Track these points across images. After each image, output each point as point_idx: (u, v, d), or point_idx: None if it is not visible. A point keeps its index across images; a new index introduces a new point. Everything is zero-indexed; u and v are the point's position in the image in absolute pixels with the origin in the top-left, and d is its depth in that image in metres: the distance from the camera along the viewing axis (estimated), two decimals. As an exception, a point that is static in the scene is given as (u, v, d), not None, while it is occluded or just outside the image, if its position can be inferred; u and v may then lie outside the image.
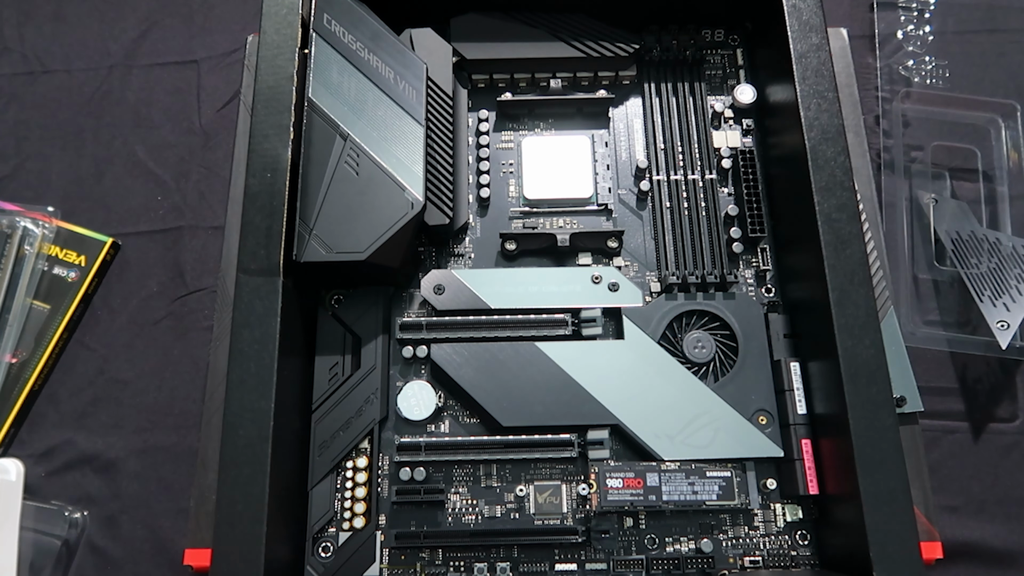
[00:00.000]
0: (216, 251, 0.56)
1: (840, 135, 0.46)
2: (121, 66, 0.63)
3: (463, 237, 0.52)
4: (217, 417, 0.49)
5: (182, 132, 0.60)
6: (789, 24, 0.48)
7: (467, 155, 0.53)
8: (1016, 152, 0.58)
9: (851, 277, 0.43)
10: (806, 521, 0.46)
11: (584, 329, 0.48)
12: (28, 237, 0.56)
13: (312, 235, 0.44)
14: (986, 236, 0.54)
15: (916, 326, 0.53)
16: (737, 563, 0.45)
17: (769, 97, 0.53)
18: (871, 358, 0.41)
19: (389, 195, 0.45)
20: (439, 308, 0.48)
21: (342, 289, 0.49)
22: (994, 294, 0.52)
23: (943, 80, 0.61)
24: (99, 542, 0.50)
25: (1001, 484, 0.51)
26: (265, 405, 0.40)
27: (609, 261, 0.52)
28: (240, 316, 0.42)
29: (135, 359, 0.54)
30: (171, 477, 0.51)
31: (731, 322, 0.48)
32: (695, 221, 0.52)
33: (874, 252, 0.53)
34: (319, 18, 0.48)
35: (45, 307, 0.55)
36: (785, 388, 0.46)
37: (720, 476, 0.45)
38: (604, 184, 0.53)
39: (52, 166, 0.60)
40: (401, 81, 0.49)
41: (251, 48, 0.60)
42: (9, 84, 0.62)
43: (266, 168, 0.45)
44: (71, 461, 0.52)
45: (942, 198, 0.57)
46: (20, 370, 0.53)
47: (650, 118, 0.54)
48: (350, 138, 0.46)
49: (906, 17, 0.62)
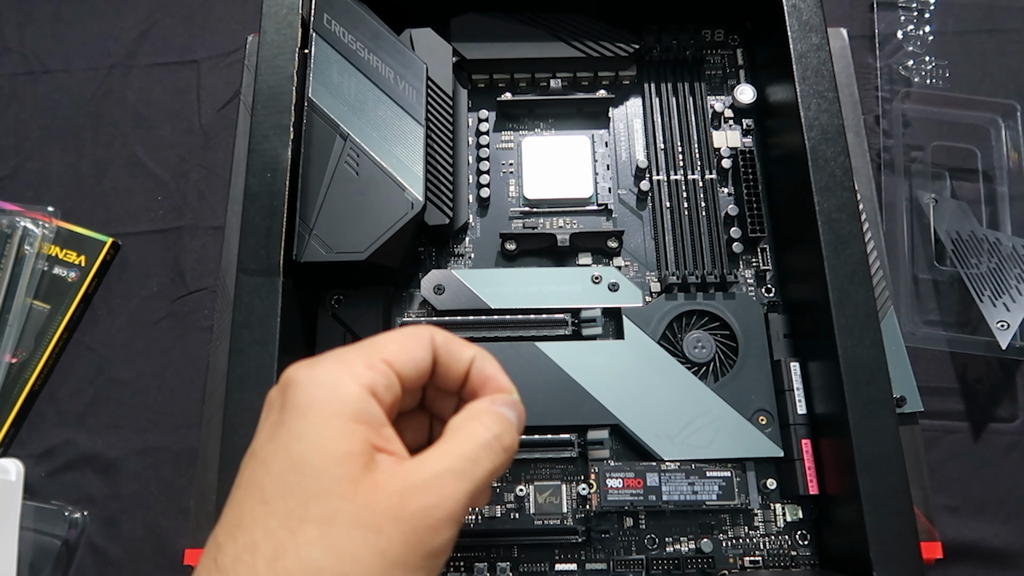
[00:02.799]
0: (216, 251, 0.56)
1: (840, 135, 0.46)
2: (121, 66, 0.63)
3: (463, 237, 0.52)
4: (217, 417, 0.49)
5: (182, 132, 0.60)
6: (789, 24, 0.48)
7: (467, 155, 0.53)
8: (1016, 152, 0.58)
9: (851, 277, 0.43)
10: (806, 521, 0.46)
11: (584, 329, 0.48)
12: (28, 237, 0.56)
13: (312, 235, 0.44)
14: (986, 236, 0.54)
15: (916, 326, 0.53)
16: (737, 563, 0.45)
17: (769, 97, 0.53)
18: (871, 358, 0.41)
19: (389, 195, 0.45)
20: (439, 308, 0.48)
21: (342, 289, 0.49)
22: (994, 294, 0.52)
23: (943, 80, 0.61)
24: (99, 542, 0.50)
25: (1001, 484, 0.51)
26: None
27: (609, 261, 0.52)
28: (240, 316, 0.42)
29: (135, 359, 0.54)
30: (171, 477, 0.51)
31: (731, 322, 0.48)
32: (695, 221, 0.52)
33: (874, 252, 0.53)
34: (319, 18, 0.48)
35: (45, 307, 0.55)
36: (785, 388, 0.46)
37: (720, 476, 0.45)
38: (604, 184, 0.53)
39: (52, 166, 0.60)
40: (401, 81, 0.49)
41: (251, 48, 0.60)
42: (9, 84, 0.62)
43: (266, 168, 0.45)
44: (71, 461, 0.52)
45: (942, 198, 0.57)
46: (20, 370, 0.53)
47: (650, 118, 0.54)
48: (350, 138, 0.46)
49: (906, 17, 0.62)
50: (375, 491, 0.25)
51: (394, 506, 0.24)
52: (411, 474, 0.26)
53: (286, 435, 0.26)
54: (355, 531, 0.24)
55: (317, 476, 0.24)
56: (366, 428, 0.26)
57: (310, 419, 0.26)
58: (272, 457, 0.26)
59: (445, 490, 0.25)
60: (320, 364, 0.27)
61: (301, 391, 0.26)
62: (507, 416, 0.29)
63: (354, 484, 0.25)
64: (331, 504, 0.24)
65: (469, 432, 0.28)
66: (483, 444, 0.27)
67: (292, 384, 0.27)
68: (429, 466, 0.26)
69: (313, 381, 0.27)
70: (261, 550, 0.24)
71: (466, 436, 0.27)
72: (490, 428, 0.28)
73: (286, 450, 0.25)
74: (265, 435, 0.27)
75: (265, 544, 0.24)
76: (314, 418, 0.26)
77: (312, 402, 0.26)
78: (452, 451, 0.27)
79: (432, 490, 0.25)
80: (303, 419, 0.26)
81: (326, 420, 0.25)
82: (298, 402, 0.26)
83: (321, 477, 0.24)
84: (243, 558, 0.24)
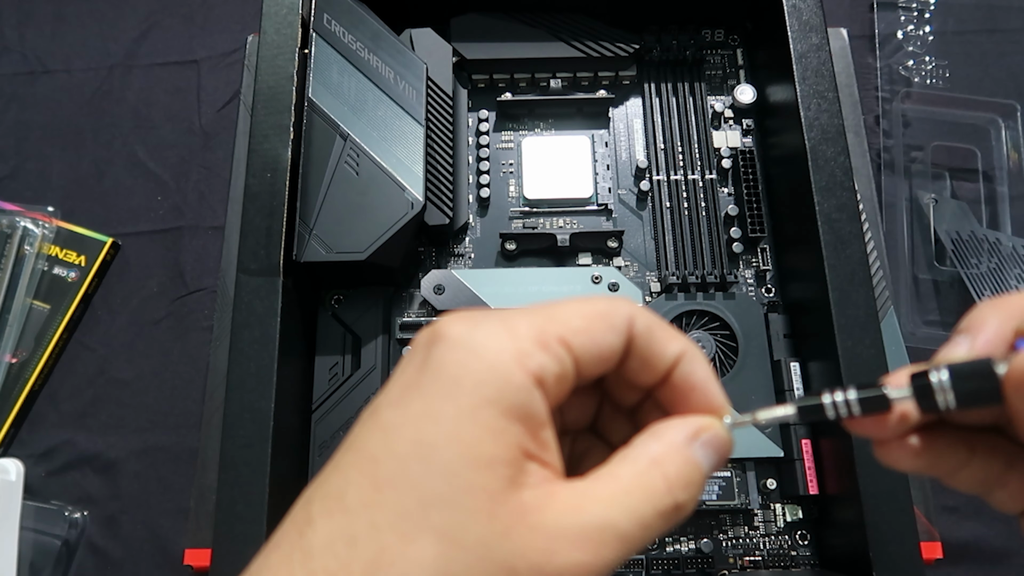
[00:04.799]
0: (216, 251, 0.56)
1: (840, 135, 0.46)
2: (121, 66, 0.63)
3: (463, 237, 0.52)
4: (217, 417, 0.49)
5: (182, 132, 0.60)
6: (789, 24, 0.48)
7: (467, 155, 0.53)
8: (1016, 152, 0.58)
9: (851, 277, 0.43)
10: (806, 521, 0.46)
11: (584, 329, 0.48)
12: (28, 237, 0.56)
13: (312, 235, 0.44)
14: (986, 236, 0.54)
15: (916, 326, 0.53)
16: (737, 563, 0.45)
17: (769, 97, 0.53)
18: (871, 358, 0.41)
19: (389, 195, 0.45)
20: (439, 308, 0.48)
21: (342, 289, 0.49)
22: (994, 294, 0.52)
23: (943, 80, 0.61)
24: (99, 542, 0.50)
25: (1001, 484, 0.51)
26: (265, 405, 0.40)
27: (609, 261, 0.52)
28: (240, 316, 0.42)
29: (135, 359, 0.54)
30: (171, 477, 0.51)
31: (731, 322, 0.48)
32: (695, 221, 0.52)
33: (874, 252, 0.53)
34: (319, 18, 0.48)
35: (45, 307, 0.55)
36: (785, 388, 0.46)
37: (720, 476, 0.45)
38: (604, 184, 0.53)
39: (52, 166, 0.60)
40: (401, 81, 0.49)
41: (251, 48, 0.60)
42: (9, 84, 0.62)
43: (266, 168, 0.45)
44: (71, 461, 0.52)
45: (942, 198, 0.57)
46: (20, 370, 0.53)
47: (650, 118, 0.54)
48: (350, 138, 0.46)
49: (906, 17, 0.62)
50: (520, 521, 0.19)
51: (540, 551, 0.19)
52: (568, 514, 0.20)
53: (421, 407, 0.20)
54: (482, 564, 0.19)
55: (448, 477, 0.19)
56: (521, 428, 0.20)
57: (455, 400, 0.20)
58: (397, 430, 0.20)
59: (604, 552, 0.20)
60: (482, 325, 0.21)
61: (452, 355, 0.21)
62: (703, 469, 0.22)
63: (493, 501, 0.19)
64: (458, 519, 0.19)
65: (650, 484, 0.21)
66: (661, 512, 0.21)
67: (443, 339, 0.21)
68: (592, 511, 0.20)
69: (470, 346, 0.21)
70: (360, 548, 0.19)
71: (645, 488, 0.21)
72: (674, 491, 0.21)
73: (416, 428, 0.20)
74: (396, 394, 0.21)
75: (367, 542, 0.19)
76: (461, 400, 0.20)
77: (462, 377, 0.20)
78: (623, 501, 0.20)
79: (590, 546, 0.20)
80: (446, 396, 0.20)
81: (474, 408, 0.20)
82: (445, 369, 0.21)
83: (453, 480, 0.19)
84: (336, 549, 0.19)
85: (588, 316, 0.22)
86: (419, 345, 0.22)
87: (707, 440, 0.23)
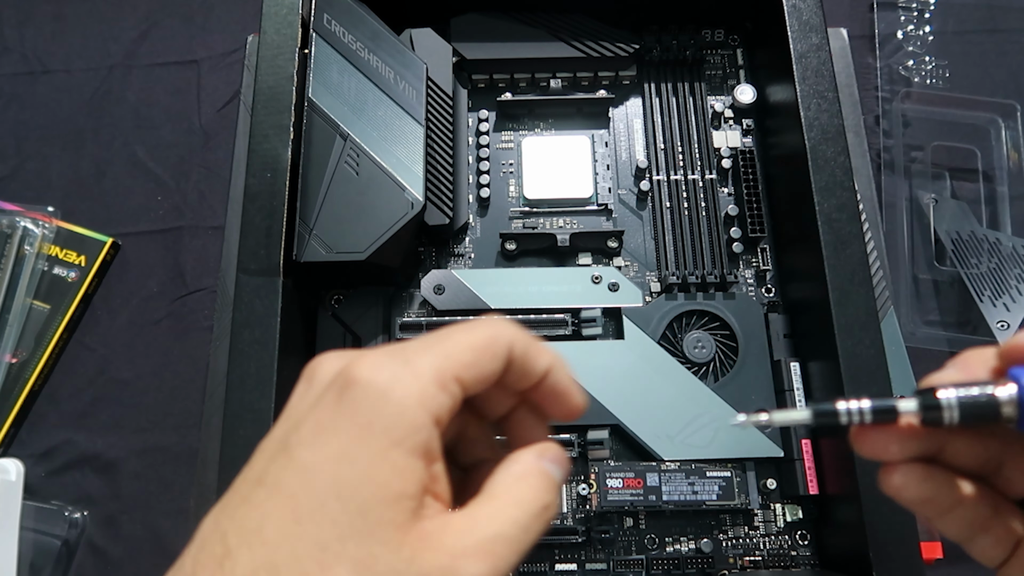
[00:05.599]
0: (216, 251, 0.56)
1: (840, 135, 0.46)
2: (121, 66, 0.63)
3: (463, 237, 0.52)
4: (217, 417, 0.49)
5: (182, 132, 0.60)
6: (789, 24, 0.48)
7: (467, 155, 0.53)
8: (1016, 152, 0.58)
9: (851, 277, 0.43)
10: (806, 521, 0.46)
11: (584, 329, 0.48)
12: (28, 237, 0.56)
13: (312, 235, 0.44)
14: (986, 236, 0.54)
15: (916, 326, 0.53)
16: (737, 563, 0.45)
17: (769, 97, 0.53)
18: (871, 358, 0.41)
19: (389, 195, 0.45)
20: (439, 308, 0.48)
21: (342, 289, 0.49)
22: (994, 294, 0.52)
23: (943, 80, 0.61)
24: (99, 542, 0.50)
25: (1001, 484, 0.51)
26: (265, 405, 0.40)
27: (609, 261, 0.52)
28: (240, 316, 0.42)
29: (135, 359, 0.54)
30: (171, 477, 0.51)
31: (731, 322, 0.48)
32: (695, 221, 0.52)
33: (874, 252, 0.53)
34: (319, 18, 0.48)
35: (45, 307, 0.55)
36: (785, 388, 0.46)
37: (720, 476, 0.45)
38: (604, 184, 0.53)
39: (52, 166, 0.60)
40: (401, 81, 0.49)
41: (251, 48, 0.60)
42: (9, 84, 0.62)
43: (266, 168, 0.45)
44: (71, 461, 0.52)
45: (942, 198, 0.57)
46: (20, 370, 0.53)
47: (650, 118, 0.54)
48: (350, 138, 0.46)
49: (906, 17, 0.62)
50: (423, 546, 0.22)
51: (443, 567, 0.22)
52: (463, 534, 0.23)
53: (337, 449, 0.22)
54: None
55: (363, 513, 0.22)
56: (423, 465, 0.23)
57: (368, 443, 0.22)
58: (315, 471, 0.22)
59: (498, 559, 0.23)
60: (386, 367, 0.24)
61: (365, 400, 0.23)
62: (555, 479, 0.26)
63: (400, 532, 0.22)
64: (372, 550, 0.21)
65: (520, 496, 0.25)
66: (535, 514, 0.24)
67: (355, 384, 0.23)
68: (481, 527, 0.23)
69: (379, 391, 0.23)
70: None
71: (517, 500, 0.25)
72: (540, 496, 0.25)
73: (334, 470, 0.22)
74: (308, 433, 0.23)
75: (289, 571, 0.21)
76: (373, 444, 0.22)
77: (374, 422, 0.23)
78: (503, 514, 0.24)
79: (485, 556, 0.22)
80: (359, 440, 0.22)
81: (385, 450, 0.22)
82: (360, 414, 0.23)
83: (368, 515, 0.22)
84: None
85: (476, 349, 0.25)
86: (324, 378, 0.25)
87: (551, 456, 0.27)
